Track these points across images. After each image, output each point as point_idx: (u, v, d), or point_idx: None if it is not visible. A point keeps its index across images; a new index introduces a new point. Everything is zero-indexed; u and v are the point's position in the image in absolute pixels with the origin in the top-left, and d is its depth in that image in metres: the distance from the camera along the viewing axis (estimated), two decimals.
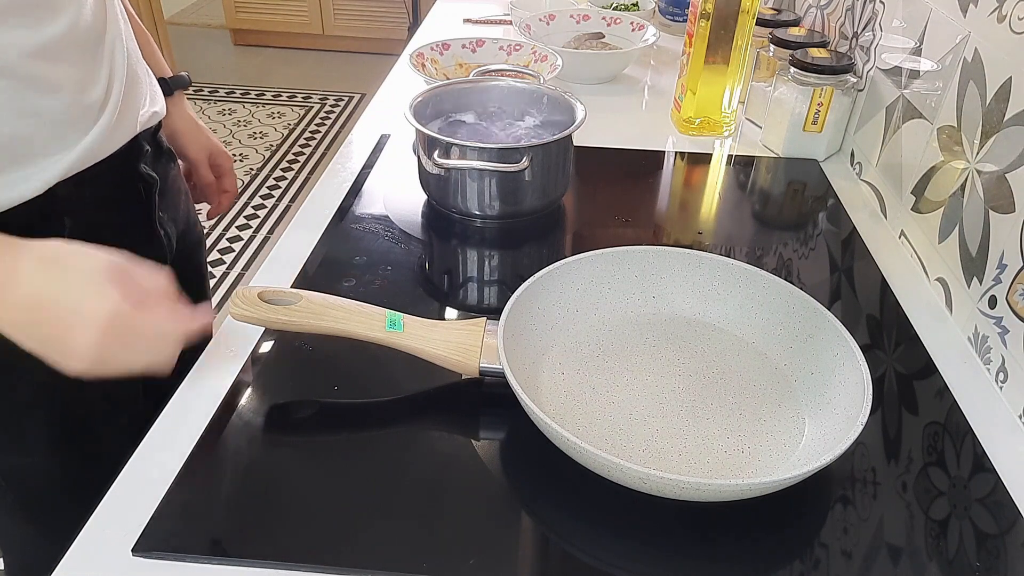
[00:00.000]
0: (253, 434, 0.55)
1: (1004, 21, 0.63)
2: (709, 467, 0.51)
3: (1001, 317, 0.61)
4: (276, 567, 0.46)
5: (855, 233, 0.80)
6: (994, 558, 0.47)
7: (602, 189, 0.90)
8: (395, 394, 0.59)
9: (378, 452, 0.54)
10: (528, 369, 0.57)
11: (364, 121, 1.03)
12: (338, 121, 3.07)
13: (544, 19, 1.26)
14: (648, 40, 1.19)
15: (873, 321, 0.68)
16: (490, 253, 0.77)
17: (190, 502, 0.49)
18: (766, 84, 1.00)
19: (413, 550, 0.46)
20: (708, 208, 0.87)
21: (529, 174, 0.76)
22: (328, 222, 0.79)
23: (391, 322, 0.56)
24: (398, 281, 0.71)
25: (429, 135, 0.75)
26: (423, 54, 1.11)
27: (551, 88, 0.86)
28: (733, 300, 0.63)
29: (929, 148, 0.74)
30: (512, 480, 0.52)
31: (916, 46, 0.78)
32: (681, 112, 1.02)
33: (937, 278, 0.71)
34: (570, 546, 0.47)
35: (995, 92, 0.64)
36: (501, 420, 0.56)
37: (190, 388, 0.59)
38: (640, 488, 0.47)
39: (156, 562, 0.46)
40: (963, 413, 0.58)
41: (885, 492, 0.51)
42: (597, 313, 0.64)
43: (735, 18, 0.93)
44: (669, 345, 0.62)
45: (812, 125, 0.93)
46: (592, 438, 0.53)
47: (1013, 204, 0.60)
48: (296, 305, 0.56)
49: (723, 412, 0.56)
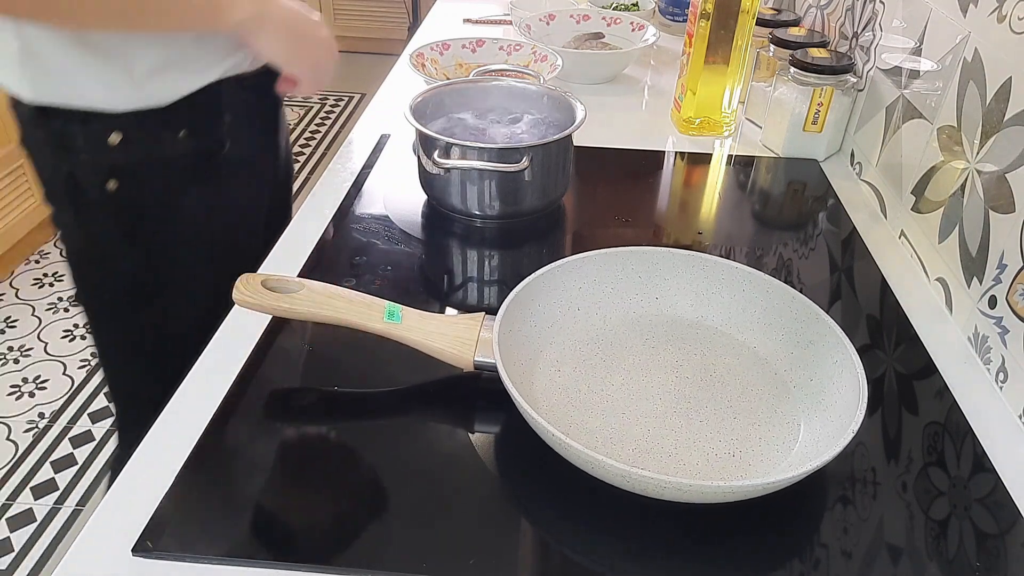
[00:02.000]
0: (253, 435, 0.55)
1: (1004, 21, 0.63)
2: (698, 468, 0.51)
3: (1001, 317, 0.61)
4: (276, 567, 0.46)
5: (855, 233, 0.80)
6: (994, 558, 0.47)
7: (602, 189, 0.90)
8: (396, 394, 0.59)
9: (379, 452, 0.54)
10: (524, 365, 0.57)
11: (364, 121, 1.03)
12: (338, 121, 3.07)
13: (544, 19, 1.26)
14: (648, 40, 1.19)
15: (873, 321, 0.68)
16: (490, 253, 0.77)
17: (190, 502, 0.49)
18: (766, 84, 1.00)
19: (413, 550, 0.46)
20: (708, 208, 0.87)
21: (529, 174, 0.76)
22: (328, 222, 0.79)
23: (389, 313, 0.56)
24: (398, 281, 0.71)
25: (429, 135, 0.75)
26: (423, 54, 1.11)
27: (551, 88, 0.86)
28: (735, 303, 0.63)
29: (929, 148, 0.74)
30: (512, 479, 0.52)
31: (916, 46, 0.78)
32: (681, 112, 1.02)
33: (937, 278, 0.71)
34: (570, 548, 0.47)
35: (995, 92, 0.64)
36: (501, 416, 0.56)
37: (190, 388, 0.59)
38: (624, 486, 0.47)
39: (156, 562, 0.46)
40: (963, 413, 0.58)
41: (885, 492, 0.51)
42: (599, 312, 0.64)
43: (735, 18, 0.93)
44: (669, 346, 0.62)
45: (812, 125, 0.93)
46: (583, 436, 0.53)
47: (1013, 204, 0.60)
48: (298, 293, 0.56)
49: (718, 414, 0.55)
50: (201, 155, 0.77)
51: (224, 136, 0.79)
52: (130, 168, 0.74)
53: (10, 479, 1.55)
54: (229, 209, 0.83)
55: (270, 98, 0.86)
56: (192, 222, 0.79)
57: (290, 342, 0.63)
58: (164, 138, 0.74)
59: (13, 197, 2.02)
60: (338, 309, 0.56)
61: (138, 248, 0.79)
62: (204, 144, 0.77)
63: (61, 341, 1.90)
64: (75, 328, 1.94)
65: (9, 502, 1.50)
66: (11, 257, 2.11)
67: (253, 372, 0.60)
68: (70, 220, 0.78)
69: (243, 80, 0.78)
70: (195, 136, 0.75)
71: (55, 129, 0.71)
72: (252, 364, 0.60)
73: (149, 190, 0.76)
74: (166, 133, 0.74)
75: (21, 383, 1.77)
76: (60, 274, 2.12)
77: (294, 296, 0.56)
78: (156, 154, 0.74)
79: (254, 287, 0.56)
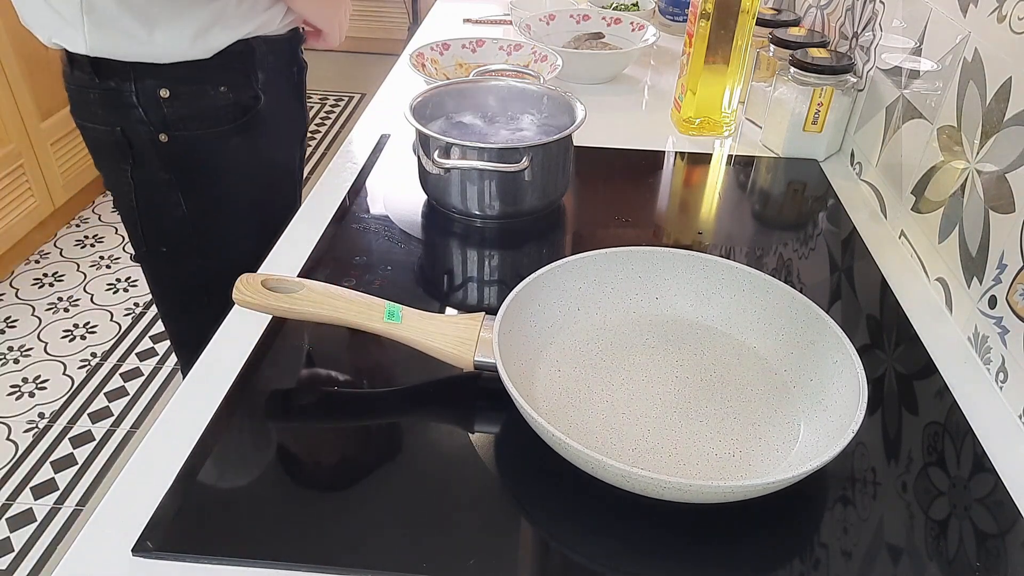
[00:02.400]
0: (253, 435, 0.55)
1: (1004, 21, 0.63)
2: (698, 468, 0.51)
3: (1001, 317, 0.61)
4: (276, 567, 0.46)
5: (855, 233, 0.80)
6: (994, 558, 0.47)
7: (602, 189, 0.90)
8: (396, 394, 0.59)
9: (379, 452, 0.54)
10: (524, 365, 0.57)
11: (364, 121, 1.03)
12: (338, 121, 3.07)
13: (544, 19, 1.26)
14: (648, 40, 1.19)
15: (873, 321, 0.68)
16: (490, 253, 0.77)
17: (190, 502, 0.49)
18: (766, 84, 1.00)
19: (413, 550, 0.46)
20: (708, 208, 0.87)
21: (529, 174, 0.76)
22: (328, 222, 0.79)
23: (389, 313, 0.56)
24: (398, 281, 0.71)
25: (429, 135, 0.75)
26: (423, 54, 1.11)
27: (551, 88, 0.86)
28: (735, 303, 0.63)
29: (929, 148, 0.74)
30: (512, 479, 0.52)
31: (916, 46, 0.78)
32: (681, 112, 1.02)
33: (937, 278, 0.71)
34: (570, 548, 0.47)
35: (995, 92, 0.64)
36: (501, 415, 0.56)
37: (190, 389, 0.59)
38: (624, 486, 0.47)
39: (156, 562, 0.46)
40: (963, 413, 0.58)
41: (885, 492, 0.51)
42: (599, 312, 0.64)
43: (735, 18, 0.93)
44: (669, 346, 0.62)
45: (812, 125, 0.93)
46: (583, 436, 0.53)
47: (1013, 204, 0.60)
48: (298, 293, 0.56)
49: (718, 415, 0.55)
50: (240, 108, 0.87)
51: (259, 92, 0.89)
52: (179, 121, 0.84)
53: (10, 479, 1.55)
54: (267, 161, 0.94)
55: (296, 62, 0.97)
56: (236, 171, 0.91)
57: (290, 342, 0.63)
58: (207, 92, 0.84)
59: (13, 197, 2.02)
60: (338, 309, 0.56)
61: (189, 197, 0.89)
62: (242, 98, 0.87)
63: (61, 341, 1.90)
64: (75, 328, 1.94)
65: (9, 502, 1.50)
66: (11, 257, 2.11)
67: (253, 372, 0.60)
68: (125, 178, 0.88)
69: (272, 43, 0.89)
70: (233, 91, 0.86)
71: (111, 88, 0.81)
72: (252, 364, 0.60)
73: (197, 141, 0.86)
74: (208, 87, 0.84)
75: (21, 383, 1.77)
76: (60, 274, 2.12)
77: (294, 296, 0.56)
78: (201, 107, 0.84)
79: (254, 287, 0.56)
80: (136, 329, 1.94)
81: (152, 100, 0.82)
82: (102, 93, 0.82)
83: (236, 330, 0.64)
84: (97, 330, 1.94)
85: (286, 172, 1.01)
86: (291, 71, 0.98)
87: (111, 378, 1.80)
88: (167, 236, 0.92)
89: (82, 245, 2.24)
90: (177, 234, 0.92)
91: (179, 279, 0.97)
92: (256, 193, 0.94)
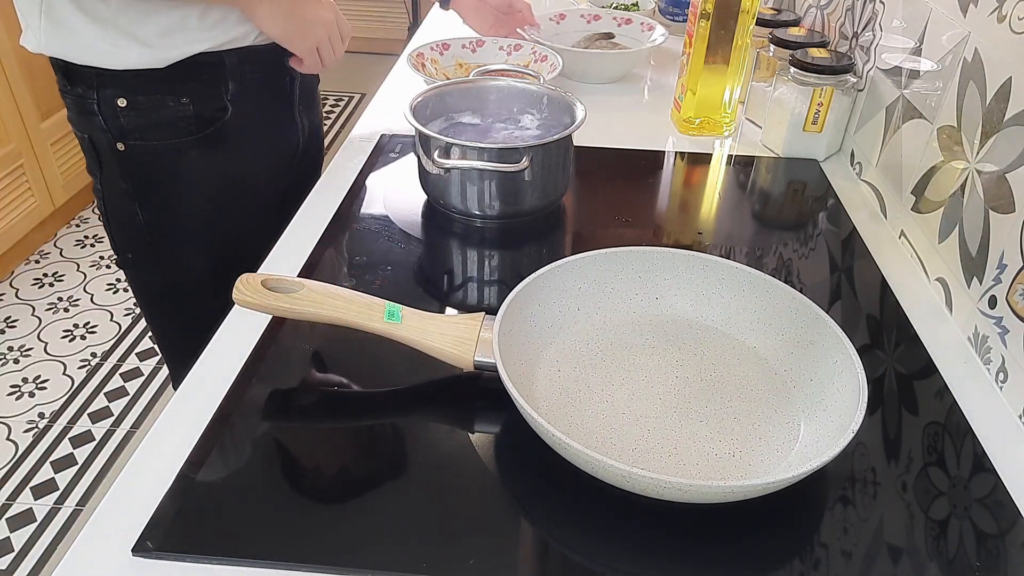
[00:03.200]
0: (252, 435, 0.55)
1: (1004, 21, 0.63)
2: (698, 468, 0.51)
3: (1001, 317, 0.61)
4: (276, 567, 0.46)
5: (855, 233, 0.80)
6: (994, 558, 0.47)
7: (602, 189, 0.90)
8: (396, 394, 0.59)
9: (379, 452, 0.54)
10: (524, 365, 0.57)
11: (364, 121, 1.03)
12: (338, 121, 3.07)
13: (555, 18, 1.26)
14: (656, 40, 1.19)
15: (873, 321, 0.68)
16: (490, 253, 0.77)
17: (190, 502, 0.49)
18: (766, 84, 1.00)
19: (413, 550, 0.46)
20: (708, 208, 0.87)
21: (529, 174, 0.76)
22: (328, 222, 0.79)
23: (389, 313, 0.56)
24: (398, 281, 0.71)
25: (429, 135, 0.75)
26: (423, 54, 1.11)
27: (551, 88, 0.86)
28: (736, 304, 0.63)
29: (929, 148, 0.74)
30: (512, 479, 0.52)
31: (916, 46, 0.78)
32: (681, 112, 1.02)
33: (937, 278, 0.71)
34: (570, 548, 0.47)
35: (995, 92, 0.64)
36: (501, 415, 0.56)
37: (190, 389, 0.59)
38: (624, 486, 0.47)
39: (156, 562, 0.46)
40: (963, 413, 0.58)
41: (885, 492, 0.51)
42: (599, 312, 0.64)
43: (735, 18, 0.93)
44: (669, 346, 0.62)
45: (812, 125, 0.93)
46: (583, 436, 0.53)
47: (1013, 204, 0.60)
48: (298, 293, 0.56)
49: (718, 415, 0.55)
50: (203, 120, 0.85)
51: (227, 103, 0.86)
52: (135, 131, 0.83)
53: (10, 479, 1.55)
54: (231, 174, 0.90)
55: (287, 72, 0.92)
56: (193, 184, 0.88)
57: (290, 342, 0.63)
58: (166, 103, 0.82)
59: (13, 197, 2.02)
60: (338, 309, 0.56)
61: (145, 207, 0.88)
62: (206, 110, 0.85)
63: (61, 341, 1.90)
64: (75, 328, 1.94)
65: (9, 502, 1.50)
66: (11, 257, 2.11)
67: (253, 372, 0.60)
68: (96, 184, 0.88)
69: (252, 53, 0.85)
70: (197, 102, 0.83)
71: (79, 95, 0.82)
72: (252, 364, 0.60)
73: (152, 152, 0.85)
74: (168, 98, 0.82)
75: (21, 383, 1.77)
76: (60, 274, 2.12)
77: (294, 296, 0.56)
78: (159, 118, 0.83)
79: (254, 287, 0.56)
80: (136, 329, 1.95)
81: (111, 109, 0.81)
82: (73, 99, 0.83)
83: (236, 330, 0.64)
84: (97, 330, 1.94)
85: (254, 186, 0.94)
86: (280, 81, 0.93)
87: (111, 378, 1.80)
88: (130, 244, 0.92)
89: (82, 245, 2.24)
90: (137, 242, 0.92)
91: (147, 286, 0.97)
92: (213, 208, 0.91)
